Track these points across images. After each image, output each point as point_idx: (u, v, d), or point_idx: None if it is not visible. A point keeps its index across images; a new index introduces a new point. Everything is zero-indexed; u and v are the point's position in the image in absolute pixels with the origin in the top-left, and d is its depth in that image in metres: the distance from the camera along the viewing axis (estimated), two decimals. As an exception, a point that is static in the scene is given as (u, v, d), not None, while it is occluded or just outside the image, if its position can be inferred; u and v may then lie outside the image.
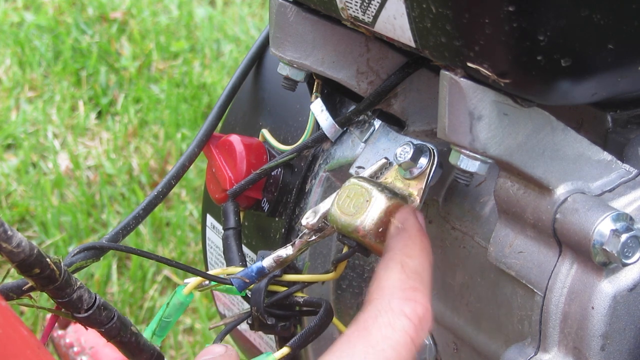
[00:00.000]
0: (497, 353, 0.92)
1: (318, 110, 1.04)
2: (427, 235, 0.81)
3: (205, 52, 2.81)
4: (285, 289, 0.93)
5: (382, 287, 0.74)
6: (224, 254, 1.07)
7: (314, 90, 1.05)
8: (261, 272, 0.89)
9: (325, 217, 0.90)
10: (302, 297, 0.92)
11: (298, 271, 0.97)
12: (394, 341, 0.70)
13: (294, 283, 0.93)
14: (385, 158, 0.94)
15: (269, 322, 0.93)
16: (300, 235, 0.92)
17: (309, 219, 0.91)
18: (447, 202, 0.98)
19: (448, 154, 0.83)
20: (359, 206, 0.86)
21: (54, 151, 2.42)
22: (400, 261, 0.77)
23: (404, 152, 0.89)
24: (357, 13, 0.84)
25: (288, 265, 0.93)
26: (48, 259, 0.74)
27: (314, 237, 0.92)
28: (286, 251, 0.90)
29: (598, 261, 0.79)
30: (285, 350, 0.85)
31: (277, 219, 1.12)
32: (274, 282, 0.93)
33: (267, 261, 0.90)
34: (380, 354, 0.69)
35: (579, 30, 0.73)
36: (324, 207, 0.91)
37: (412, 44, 0.80)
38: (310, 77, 1.03)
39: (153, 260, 2.07)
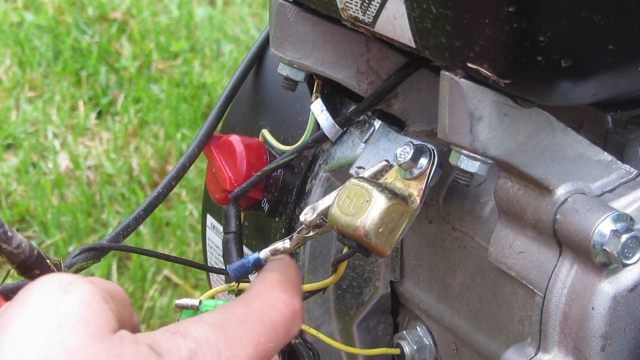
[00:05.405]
0: (497, 353, 0.92)
1: (318, 111, 1.04)
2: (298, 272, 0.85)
3: (205, 52, 2.81)
4: None
5: (264, 278, 0.78)
6: (223, 257, 1.07)
7: (314, 91, 1.05)
8: (257, 263, 0.89)
9: (324, 214, 0.90)
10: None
11: None
12: (271, 315, 0.73)
13: None
14: (386, 161, 0.94)
15: None
16: (298, 229, 0.92)
17: (307, 215, 0.91)
18: (447, 202, 0.98)
19: (448, 154, 0.83)
20: (359, 206, 0.86)
21: (54, 151, 2.42)
22: (281, 269, 0.81)
23: (404, 152, 0.89)
24: (357, 13, 0.84)
25: None
26: (48, 260, 0.74)
27: (311, 233, 0.92)
28: (283, 244, 0.90)
29: (598, 262, 0.79)
30: None
31: (277, 219, 1.12)
32: None
33: (264, 253, 0.90)
34: (259, 320, 0.72)
35: (579, 31, 0.73)
36: (322, 204, 0.91)
37: (412, 44, 0.80)
38: (310, 77, 1.03)
39: (153, 261, 2.07)
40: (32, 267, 0.73)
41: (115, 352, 0.62)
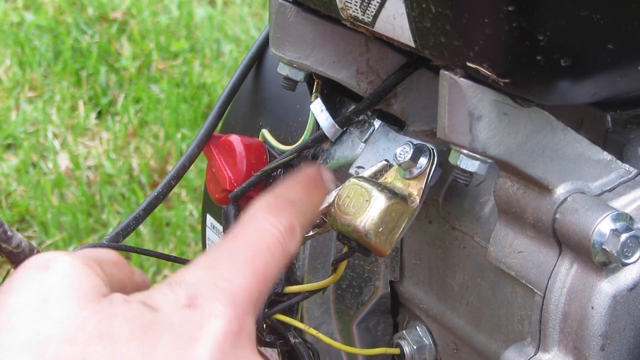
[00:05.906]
0: (497, 353, 0.92)
1: (318, 110, 1.04)
2: (321, 184, 0.81)
3: (205, 52, 2.81)
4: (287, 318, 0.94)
5: (250, 208, 0.74)
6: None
7: (314, 90, 1.05)
8: None
9: (324, 213, 0.90)
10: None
11: (299, 283, 0.97)
12: (261, 238, 0.70)
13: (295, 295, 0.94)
14: (386, 160, 0.94)
15: (267, 340, 0.94)
16: None
17: (307, 214, 0.91)
18: (447, 202, 0.98)
19: (448, 153, 0.83)
20: (358, 206, 0.86)
21: (54, 151, 2.42)
22: (274, 191, 0.77)
23: (404, 152, 0.89)
24: (357, 13, 0.84)
25: (288, 280, 0.93)
26: (48, 260, 0.74)
27: (311, 233, 0.92)
28: None
29: (598, 261, 0.79)
30: None
31: (277, 219, 1.11)
32: (274, 298, 0.94)
33: None
34: (249, 246, 0.69)
35: (579, 30, 0.73)
36: (322, 203, 0.91)
37: (412, 44, 0.80)
38: (310, 77, 1.03)
39: (153, 261, 2.07)
40: (31, 266, 0.73)
41: (106, 313, 0.60)
